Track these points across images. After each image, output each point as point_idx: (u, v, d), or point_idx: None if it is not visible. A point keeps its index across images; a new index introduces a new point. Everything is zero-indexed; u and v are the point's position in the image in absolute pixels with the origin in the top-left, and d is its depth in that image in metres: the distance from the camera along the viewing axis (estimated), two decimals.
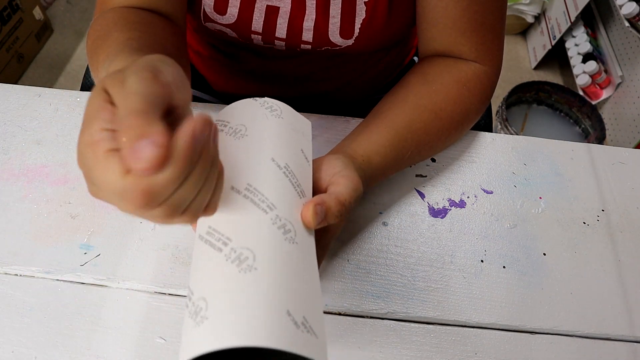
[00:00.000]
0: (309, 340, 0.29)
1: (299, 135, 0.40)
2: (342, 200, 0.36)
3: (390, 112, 0.49)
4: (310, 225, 0.34)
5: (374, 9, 0.54)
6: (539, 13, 1.88)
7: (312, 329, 0.29)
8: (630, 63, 1.54)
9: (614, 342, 0.46)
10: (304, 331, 0.29)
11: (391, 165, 0.48)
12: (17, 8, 1.65)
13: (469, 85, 0.51)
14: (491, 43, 0.53)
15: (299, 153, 0.38)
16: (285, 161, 0.36)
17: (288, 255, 0.32)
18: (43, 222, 0.49)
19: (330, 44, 0.57)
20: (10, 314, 0.44)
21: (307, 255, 0.33)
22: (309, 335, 0.29)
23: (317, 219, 0.34)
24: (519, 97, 1.57)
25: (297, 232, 0.33)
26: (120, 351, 0.42)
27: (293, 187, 0.35)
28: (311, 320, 0.30)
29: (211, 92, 0.75)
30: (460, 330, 0.46)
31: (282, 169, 0.35)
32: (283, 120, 0.39)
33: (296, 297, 0.30)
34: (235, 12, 0.54)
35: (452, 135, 0.53)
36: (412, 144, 0.49)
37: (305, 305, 0.30)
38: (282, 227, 0.32)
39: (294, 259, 0.32)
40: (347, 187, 0.38)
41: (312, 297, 0.31)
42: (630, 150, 0.59)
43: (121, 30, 0.42)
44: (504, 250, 0.50)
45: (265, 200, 0.33)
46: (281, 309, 0.29)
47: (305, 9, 0.54)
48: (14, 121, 0.56)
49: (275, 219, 0.32)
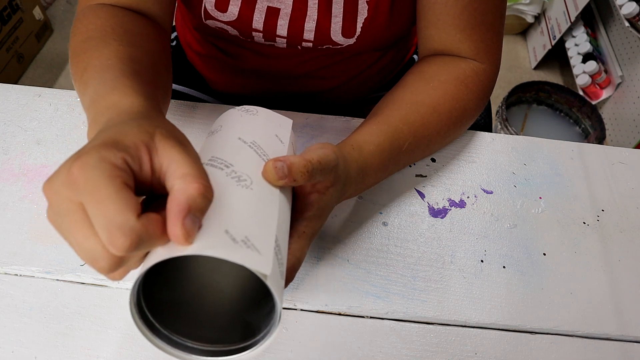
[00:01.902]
0: (248, 254, 0.27)
1: (274, 125, 0.40)
2: (309, 159, 0.36)
3: (386, 109, 0.49)
4: (270, 179, 0.34)
5: (376, 8, 0.54)
6: (539, 13, 1.88)
7: (254, 245, 0.28)
8: (630, 63, 1.55)
9: (614, 342, 0.46)
10: (242, 246, 0.27)
11: (388, 157, 0.47)
12: (17, 8, 1.65)
13: (467, 82, 0.51)
14: (490, 41, 0.53)
15: (272, 136, 0.38)
16: (253, 139, 0.36)
17: (238, 194, 0.31)
18: (43, 222, 0.49)
19: (331, 42, 0.57)
20: (10, 314, 0.44)
21: (264, 199, 0.32)
22: (248, 249, 0.27)
23: (277, 173, 0.33)
24: (519, 97, 1.57)
25: (253, 182, 0.32)
26: (120, 351, 0.42)
27: (258, 156, 0.35)
28: (255, 240, 0.28)
29: (210, 92, 0.75)
30: (460, 330, 0.46)
31: (247, 144, 0.36)
32: (257, 116, 0.40)
33: (239, 223, 0.29)
34: (236, 10, 0.55)
35: (451, 131, 0.53)
36: (409, 135, 0.48)
37: (250, 230, 0.29)
38: (237, 177, 0.32)
39: (244, 197, 0.31)
40: (316, 149, 0.37)
41: (263, 227, 0.30)
42: (630, 150, 0.59)
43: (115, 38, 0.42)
44: (504, 250, 0.50)
45: (223, 162, 0.33)
46: (219, 228, 0.28)
47: (306, 10, 0.54)
48: (14, 121, 0.56)
49: (230, 173, 0.32)
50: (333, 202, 0.40)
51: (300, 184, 0.35)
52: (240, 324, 0.34)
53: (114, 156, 0.26)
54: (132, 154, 0.27)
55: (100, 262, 0.26)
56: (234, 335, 0.32)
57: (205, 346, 0.31)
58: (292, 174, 0.34)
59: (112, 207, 0.25)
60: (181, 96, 0.72)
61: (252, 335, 0.31)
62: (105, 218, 0.25)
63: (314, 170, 0.36)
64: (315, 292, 0.46)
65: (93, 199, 0.25)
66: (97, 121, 0.34)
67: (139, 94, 0.36)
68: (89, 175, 0.25)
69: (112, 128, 0.29)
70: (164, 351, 0.30)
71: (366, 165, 0.45)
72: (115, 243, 0.25)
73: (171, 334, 0.30)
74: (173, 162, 0.27)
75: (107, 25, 0.44)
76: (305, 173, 0.35)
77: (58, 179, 0.26)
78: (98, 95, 0.36)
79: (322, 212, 0.39)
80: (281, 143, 0.39)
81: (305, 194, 0.39)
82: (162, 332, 0.30)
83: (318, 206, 0.39)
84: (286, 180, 0.34)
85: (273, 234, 0.30)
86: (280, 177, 0.34)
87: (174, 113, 0.58)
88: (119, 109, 0.34)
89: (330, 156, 0.38)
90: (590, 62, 1.61)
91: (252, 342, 0.31)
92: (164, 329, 0.30)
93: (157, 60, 0.45)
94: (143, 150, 0.28)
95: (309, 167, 0.35)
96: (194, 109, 0.58)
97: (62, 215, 0.26)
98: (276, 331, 0.29)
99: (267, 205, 0.32)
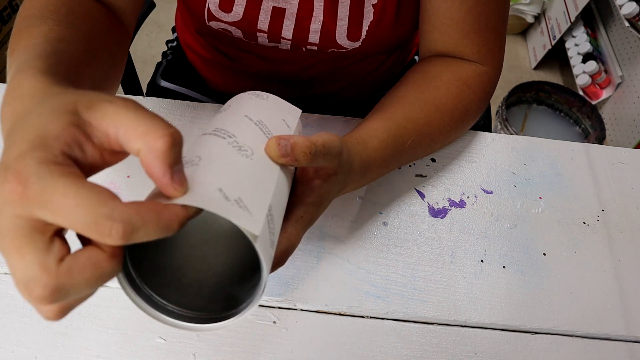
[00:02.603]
0: (239, 212, 0.27)
1: (282, 111, 0.40)
2: (313, 141, 0.35)
3: (390, 106, 0.49)
4: (272, 155, 0.33)
5: (383, 12, 0.54)
6: (539, 13, 1.88)
7: (246, 207, 0.27)
8: (630, 63, 1.55)
9: (614, 342, 0.46)
10: (234, 205, 0.27)
11: (391, 153, 0.47)
12: (17, 8, 1.65)
13: (469, 83, 0.51)
14: (493, 44, 0.53)
15: (279, 120, 0.38)
16: (259, 118, 0.36)
17: (237, 161, 0.31)
18: None
19: (336, 45, 0.56)
20: (10, 314, 0.44)
21: (262, 172, 0.32)
22: (240, 209, 0.27)
23: (280, 149, 0.33)
24: (519, 97, 1.57)
25: (254, 153, 0.32)
26: (120, 351, 0.42)
27: (263, 134, 0.35)
28: (247, 202, 0.28)
29: (211, 94, 0.75)
30: (460, 330, 0.46)
31: (253, 121, 0.35)
32: (267, 100, 0.40)
33: (234, 184, 0.28)
34: (240, 10, 0.54)
35: (453, 131, 0.53)
36: (413, 132, 0.48)
37: (244, 193, 0.28)
38: (238, 147, 0.32)
39: (243, 165, 0.31)
40: (321, 134, 0.37)
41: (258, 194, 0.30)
42: (630, 150, 0.59)
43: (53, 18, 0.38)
44: (504, 250, 0.50)
45: (226, 133, 0.33)
46: (213, 185, 0.27)
47: (312, 11, 0.54)
48: None
49: (232, 142, 0.32)
50: (334, 191, 0.40)
51: (302, 164, 0.35)
52: (224, 295, 0.33)
53: (51, 154, 0.23)
54: (67, 143, 0.24)
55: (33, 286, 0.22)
56: (216, 305, 0.32)
57: (185, 312, 0.31)
58: (295, 152, 0.34)
59: (88, 204, 0.22)
60: (181, 98, 0.72)
61: (234, 307, 0.31)
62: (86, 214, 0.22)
63: (317, 153, 0.35)
64: (315, 292, 0.46)
65: (60, 202, 0.22)
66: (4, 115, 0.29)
67: (42, 72, 0.30)
68: (38, 183, 0.22)
69: (25, 124, 0.25)
70: (144, 310, 0.29)
71: (369, 159, 0.44)
72: (110, 232, 0.22)
73: (153, 296, 0.30)
74: (120, 127, 0.24)
75: (51, 3, 0.40)
76: (308, 154, 0.34)
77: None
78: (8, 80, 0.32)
79: (322, 200, 0.39)
80: (287, 127, 0.38)
81: (308, 179, 0.38)
82: (143, 292, 0.29)
83: (319, 193, 0.38)
84: (288, 158, 0.33)
85: (267, 202, 0.30)
86: (283, 155, 0.33)
87: (174, 114, 0.58)
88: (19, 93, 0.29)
89: (335, 142, 0.37)
90: (590, 62, 1.61)
91: (232, 312, 0.30)
92: (146, 289, 0.29)
93: (97, 45, 0.42)
94: (75, 133, 0.24)
95: (312, 148, 0.35)
96: (195, 110, 0.58)
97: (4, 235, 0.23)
98: (258, 299, 0.29)
99: (265, 177, 0.32)
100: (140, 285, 0.29)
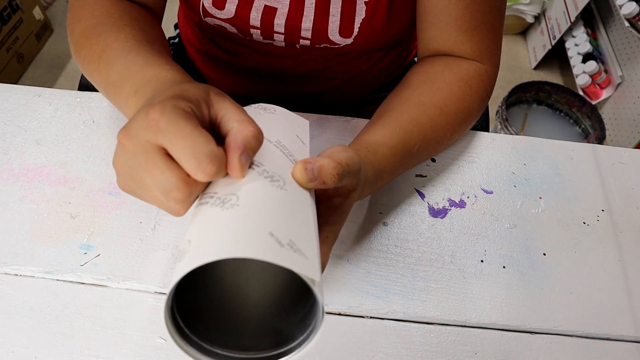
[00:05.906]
0: (295, 258, 0.26)
1: (293, 126, 0.39)
2: (338, 160, 0.35)
3: (394, 111, 0.49)
4: (301, 181, 0.33)
5: (374, 9, 0.54)
6: (539, 13, 1.88)
7: (300, 250, 0.27)
8: (630, 63, 1.55)
9: (614, 342, 0.46)
10: (289, 250, 0.27)
11: (400, 160, 0.47)
12: (17, 8, 1.65)
13: (471, 83, 0.51)
14: (491, 42, 0.53)
15: (293, 137, 0.38)
16: (277, 138, 0.36)
17: (274, 195, 0.30)
18: (43, 222, 0.49)
19: (329, 41, 0.57)
20: (10, 314, 0.44)
21: (298, 201, 0.32)
22: (295, 254, 0.27)
23: (308, 174, 0.33)
24: (519, 97, 1.57)
25: (286, 182, 0.32)
26: (120, 351, 0.42)
27: (285, 156, 0.34)
28: (299, 244, 0.28)
29: None
30: (460, 330, 0.46)
31: (272, 142, 0.35)
32: (276, 115, 0.39)
33: (282, 225, 0.28)
34: (233, 8, 0.55)
35: (457, 132, 0.53)
36: (419, 137, 0.48)
37: (293, 233, 0.28)
38: (270, 177, 0.31)
39: (280, 199, 0.30)
40: (340, 152, 0.36)
41: (304, 231, 0.29)
42: (631, 150, 0.59)
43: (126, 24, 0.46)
44: (503, 250, 0.50)
45: (254, 161, 0.32)
46: (263, 230, 0.27)
47: (303, 10, 0.54)
48: (14, 121, 0.56)
49: (262, 172, 0.31)
50: (352, 205, 0.40)
51: (329, 187, 0.35)
52: (269, 330, 0.32)
53: (184, 104, 0.30)
54: (196, 104, 0.31)
55: (174, 192, 0.29)
56: (264, 342, 0.31)
57: (235, 353, 0.30)
58: (322, 176, 0.33)
59: (198, 140, 0.28)
60: None
61: (284, 343, 0.30)
62: (193, 149, 0.28)
63: (344, 173, 0.35)
64: None
65: (178, 135, 0.28)
66: (142, 91, 0.38)
67: (172, 68, 0.40)
68: (169, 118, 0.28)
69: (169, 89, 0.33)
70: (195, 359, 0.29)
71: (381, 168, 0.44)
72: (205, 168, 0.28)
73: (200, 341, 0.29)
74: (228, 112, 0.31)
75: (115, 11, 0.48)
76: (336, 175, 0.34)
77: (135, 124, 0.30)
78: (130, 72, 0.41)
79: (344, 217, 0.39)
80: (303, 144, 0.38)
81: (328, 197, 0.38)
82: (192, 339, 0.29)
83: (342, 210, 0.38)
84: (316, 182, 0.33)
85: (315, 239, 0.30)
86: (311, 179, 0.33)
87: None
88: (160, 80, 0.38)
89: (355, 159, 0.37)
90: (590, 62, 1.61)
91: (287, 350, 0.30)
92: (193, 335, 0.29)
93: (162, 43, 0.49)
94: (202, 104, 0.31)
95: (339, 169, 0.34)
96: None
97: (138, 155, 0.29)
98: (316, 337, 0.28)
99: (303, 209, 0.32)
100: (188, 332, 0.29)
